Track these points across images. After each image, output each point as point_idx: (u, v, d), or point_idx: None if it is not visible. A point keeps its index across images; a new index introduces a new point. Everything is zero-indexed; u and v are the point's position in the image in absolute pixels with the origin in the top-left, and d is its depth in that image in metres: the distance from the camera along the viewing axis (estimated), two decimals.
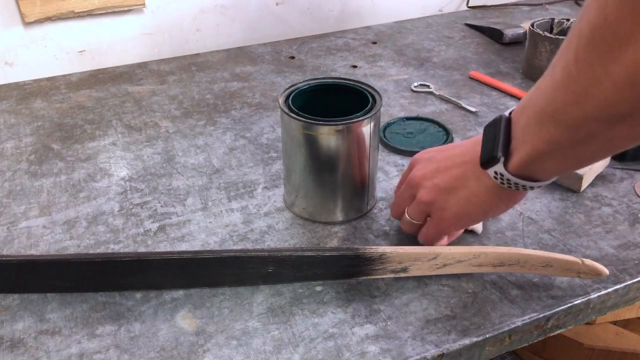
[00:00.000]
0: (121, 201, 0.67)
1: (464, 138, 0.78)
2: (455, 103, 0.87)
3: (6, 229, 0.63)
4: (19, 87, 0.95)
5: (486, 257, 0.53)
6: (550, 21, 0.94)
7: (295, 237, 0.61)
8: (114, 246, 0.60)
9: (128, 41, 1.03)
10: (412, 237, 0.59)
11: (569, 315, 0.54)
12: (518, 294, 0.54)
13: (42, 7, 0.93)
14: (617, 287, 0.55)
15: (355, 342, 0.49)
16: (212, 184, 0.70)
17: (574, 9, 1.22)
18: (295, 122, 0.57)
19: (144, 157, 0.75)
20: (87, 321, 0.52)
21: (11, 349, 0.49)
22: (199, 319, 0.52)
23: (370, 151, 0.60)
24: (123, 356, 0.48)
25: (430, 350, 0.48)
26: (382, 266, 0.52)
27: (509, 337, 0.51)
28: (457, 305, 0.53)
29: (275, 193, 0.68)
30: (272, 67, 1.01)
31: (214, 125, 0.83)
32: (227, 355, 0.48)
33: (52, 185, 0.70)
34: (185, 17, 1.05)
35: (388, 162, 0.73)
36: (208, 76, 0.98)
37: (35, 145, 0.78)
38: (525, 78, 0.94)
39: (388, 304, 0.53)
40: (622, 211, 0.64)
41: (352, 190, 0.61)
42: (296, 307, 0.53)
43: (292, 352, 0.48)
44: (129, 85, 0.95)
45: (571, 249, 0.59)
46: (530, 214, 0.64)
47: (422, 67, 0.99)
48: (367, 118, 0.57)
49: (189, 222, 0.63)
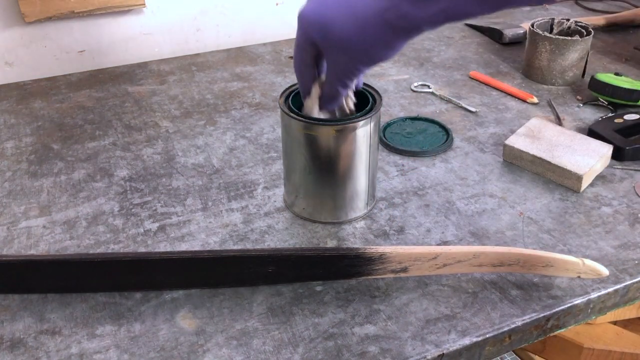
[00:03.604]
0: (121, 201, 0.67)
1: (464, 138, 0.78)
2: (455, 103, 0.87)
3: (6, 229, 0.63)
4: (19, 87, 0.95)
5: (486, 257, 0.53)
6: (550, 21, 0.94)
7: (295, 237, 0.61)
8: (114, 246, 0.60)
9: (128, 41, 1.03)
10: (412, 237, 0.59)
11: (569, 315, 0.54)
12: (518, 294, 0.54)
13: (42, 7, 0.93)
14: (617, 287, 0.55)
15: (355, 342, 0.49)
16: (212, 184, 0.70)
17: (574, 9, 1.22)
18: (295, 122, 0.57)
19: (144, 157, 0.75)
20: (87, 321, 0.52)
21: (11, 349, 0.49)
22: (199, 319, 0.52)
23: (370, 151, 0.60)
24: (123, 356, 0.48)
25: (430, 350, 0.48)
26: (382, 266, 0.52)
27: (509, 337, 0.51)
28: (457, 305, 0.53)
29: (275, 193, 0.68)
30: (272, 67, 1.01)
31: (214, 125, 0.83)
32: (227, 355, 0.48)
33: (52, 185, 0.70)
34: (185, 17, 1.05)
35: (388, 162, 0.73)
36: (208, 76, 0.98)
37: (35, 145, 0.78)
38: (525, 78, 0.94)
39: (388, 304, 0.53)
40: (622, 211, 0.64)
41: (352, 190, 0.61)
42: (296, 307, 0.53)
43: (292, 352, 0.48)
44: (129, 85, 0.95)
45: (571, 249, 0.59)
46: (530, 214, 0.64)
47: (422, 67, 0.99)
48: (367, 118, 0.57)
49: (189, 222, 0.63)
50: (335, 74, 0.53)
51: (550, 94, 0.89)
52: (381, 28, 0.47)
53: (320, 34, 0.50)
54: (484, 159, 0.74)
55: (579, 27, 0.92)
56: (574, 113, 0.84)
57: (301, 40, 0.52)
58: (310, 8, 0.50)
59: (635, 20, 1.13)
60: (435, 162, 0.73)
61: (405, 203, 0.66)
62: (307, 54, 0.53)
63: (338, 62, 0.51)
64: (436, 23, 0.45)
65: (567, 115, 0.83)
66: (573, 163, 0.67)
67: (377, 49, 0.49)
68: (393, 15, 0.46)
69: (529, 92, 0.89)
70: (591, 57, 0.96)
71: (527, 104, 0.87)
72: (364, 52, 0.49)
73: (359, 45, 0.49)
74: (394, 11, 0.46)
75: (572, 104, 0.86)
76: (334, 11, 0.49)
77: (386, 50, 0.49)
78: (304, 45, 0.52)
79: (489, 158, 0.74)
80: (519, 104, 0.87)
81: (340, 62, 0.51)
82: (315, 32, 0.50)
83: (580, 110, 0.85)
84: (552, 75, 0.91)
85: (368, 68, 0.52)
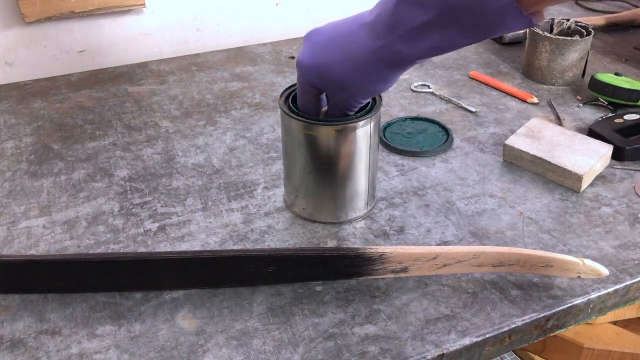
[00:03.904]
0: (121, 201, 0.67)
1: (464, 138, 0.78)
2: (455, 103, 0.87)
3: (6, 229, 0.63)
4: (19, 87, 0.95)
5: (486, 257, 0.53)
6: (550, 21, 0.94)
7: (295, 237, 0.61)
8: (114, 246, 0.60)
9: (128, 41, 1.03)
10: (412, 237, 0.59)
11: (569, 315, 0.54)
12: (518, 294, 0.54)
13: (42, 7, 0.93)
14: (617, 287, 0.55)
15: (355, 342, 0.49)
16: (212, 184, 0.70)
17: (574, 9, 1.22)
18: (295, 122, 0.57)
19: (144, 157, 0.75)
20: (87, 321, 0.52)
21: (11, 349, 0.49)
22: (199, 319, 0.52)
23: (370, 151, 0.60)
24: (123, 356, 0.48)
25: (430, 351, 0.48)
26: (382, 266, 0.52)
27: (509, 337, 0.51)
28: (457, 305, 0.53)
29: (275, 193, 0.68)
30: (272, 67, 1.01)
31: (214, 125, 0.83)
32: (227, 355, 0.48)
33: (52, 185, 0.70)
34: (185, 17, 1.05)
35: (388, 162, 0.73)
36: (208, 76, 0.98)
37: (35, 145, 0.78)
38: (525, 78, 0.94)
39: (388, 304, 0.53)
40: (622, 211, 0.64)
41: (352, 190, 0.61)
42: (296, 307, 0.53)
43: (292, 352, 0.48)
44: (129, 85, 0.95)
45: (571, 249, 0.59)
46: (530, 214, 0.64)
47: (422, 67, 0.99)
48: (367, 118, 0.57)
49: (189, 222, 0.63)
50: (337, 107, 0.56)
51: (550, 94, 0.89)
52: (376, 65, 0.50)
53: (319, 77, 0.53)
54: (484, 159, 0.74)
55: (579, 27, 0.92)
56: (574, 113, 0.84)
57: (302, 83, 0.55)
58: (306, 54, 0.53)
59: (635, 20, 1.13)
60: (435, 162, 0.73)
61: (405, 203, 0.66)
62: (309, 95, 0.56)
63: (339, 98, 0.54)
64: (428, 56, 0.48)
65: (567, 115, 0.83)
66: (573, 163, 0.67)
67: (374, 84, 0.52)
68: (387, 52, 0.48)
69: (529, 92, 0.89)
70: (591, 57, 0.97)
71: (527, 104, 0.87)
72: (361, 88, 0.52)
73: (356, 83, 0.52)
74: (387, 49, 0.48)
75: (572, 104, 0.86)
76: (329, 54, 0.51)
77: (383, 84, 0.52)
78: (305, 87, 0.55)
79: (489, 158, 0.74)
80: (519, 104, 0.87)
81: (340, 98, 0.54)
82: (313, 76, 0.53)
83: (580, 110, 0.85)
84: (552, 75, 0.91)
85: (368, 99, 0.56)
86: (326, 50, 0.52)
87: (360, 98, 0.54)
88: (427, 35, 0.45)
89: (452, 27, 0.44)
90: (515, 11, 0.41)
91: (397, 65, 0.49)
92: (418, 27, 0.45)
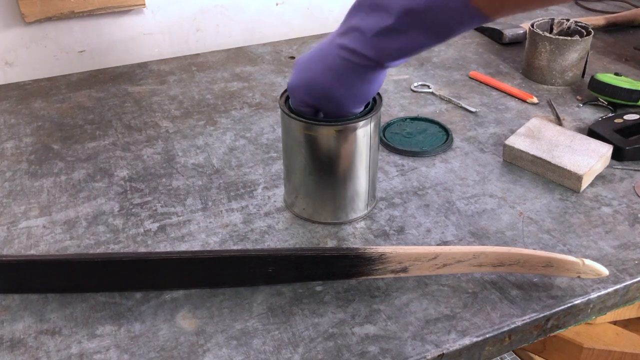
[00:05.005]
0: (121, 201, 0.67)
1: (464, 138, 0.78)
2: (455, 103, 0.87)
3: (6, 229, 0.63)
4: (19, 87, 0.95)
5: (486, 257, 0.53)
6: (550, 21, 0.94)
7: (295, 237, 0.61)
8: (114, 246, 0.60)
9: (128, 41, 1.03)
10: (412, 237, 0.59)
11: (568, 315, 0.54)
12: (518, 294, 0.54)
13: (42, 7, 0.93)
14: (617, 287, 0.55)
15: (355, 342, 0.49)
16: (212, 184, 0.70)
17: (574, 9, 1.22)
18: (295, 122, 0.57)
19: (144, 157, 0.75)
20: (87, 321, 0.52)
21: (11, 349, 0.49)
22: (199, 319, 0.52)
23: (371, 151, 0.60)
24: (123, 356, 0.48)
25: (430, 350, 0.48)
26: (382, 266, 0.52)
27: (509, 337, 0.51)
28: (457, 305, 0.53)
29: (275, 193, 0.68)
30: (272, 67, 1.01)
31: (214, 125, 0.83)
32: (227, 355, 0.48)
33: (52, 185, 0.70)
34: (185, 17, 1.05)
35: (388, 162, 0.73)
36: (208, 76, 0.98)
37: (35, 145, 0.78)
38: (525, 78, 0.94)
39: (388, 304, 0.53)
40: (622, 211, 0.64)
41: (352, 190, 0.61)
42: (296, 307, 0.53)
43: (292, 352, 0.48)
44: (129, 85, 0.95)
45: (571, 249, 0.59)
46: (530, 214, 0.64)
47: (422, 67, 0.99)
48: (367, 118, 0.57)
49: (189, 222, 0.63)
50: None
51: (550, 94, 0.90)
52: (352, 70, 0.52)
53: (308, 93, 0.55)
54: (484, 159, 0.74)
55: (579, 27, 0.92)
56: (574, 113, 0.84)
57: (296, 104, 0.57)
58: (293, 77, 0.57)
59: (635, 20, 1.13)
60: (435, 162, 0.73)
61: (405, 203, 0.66)
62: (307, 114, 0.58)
63: (332, 112, 0.56)
64: (398, 58, 0.51)
65: (567, 115, 0.83)
66: (573, 163, 0.67)
67: (357, 87, 0.53)
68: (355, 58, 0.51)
69: (528, 92, 0.89)
70: (591, 57, 0.97)
71: (527, 104, 0.87)
72: (346, 94, 0.54)
73: (340, 90, 0.53)
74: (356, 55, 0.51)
75: (572, 104, 0.86)
76: (312, 69, 0.54)
77: (367, 85, 0.53)
78: (300, 107, 0.57)
79: (488, 158, 0.74)
80: (519, 104, 0.87)
81: (333, 111, 0.56)
82: (303, 94, 0.56)
83: (580, 110, 0.85)
84: (552, 75, 0.91)
85: (360, 108, 0.57)
86: (310, 67, 0.55)
87: (352, 106, 0.56)
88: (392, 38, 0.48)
89: (414, 30, 0.47)
90: (471, 11, 0.44)
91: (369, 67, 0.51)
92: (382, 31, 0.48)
